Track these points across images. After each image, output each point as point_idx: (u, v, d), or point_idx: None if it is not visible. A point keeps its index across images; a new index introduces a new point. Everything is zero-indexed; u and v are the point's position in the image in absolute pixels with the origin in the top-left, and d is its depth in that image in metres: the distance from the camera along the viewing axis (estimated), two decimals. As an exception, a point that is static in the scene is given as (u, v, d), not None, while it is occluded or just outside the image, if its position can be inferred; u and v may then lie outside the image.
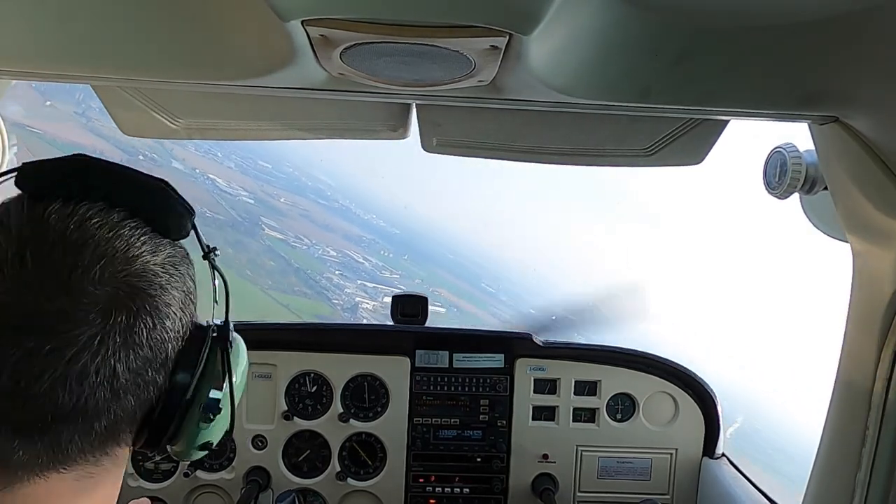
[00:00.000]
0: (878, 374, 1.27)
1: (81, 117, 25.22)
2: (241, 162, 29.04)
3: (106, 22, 1.04)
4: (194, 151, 27.84)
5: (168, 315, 0.90)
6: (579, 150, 1.93)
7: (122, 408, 0.86)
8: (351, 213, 29.40)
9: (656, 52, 1.00)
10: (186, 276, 0.96)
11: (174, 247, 0.95)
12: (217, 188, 26.33)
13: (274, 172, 29.54)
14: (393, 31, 0.95)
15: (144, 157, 26.05)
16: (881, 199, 1.21)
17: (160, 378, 0.91)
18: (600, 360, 2.73)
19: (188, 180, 26.36)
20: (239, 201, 25.87)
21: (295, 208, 27.38)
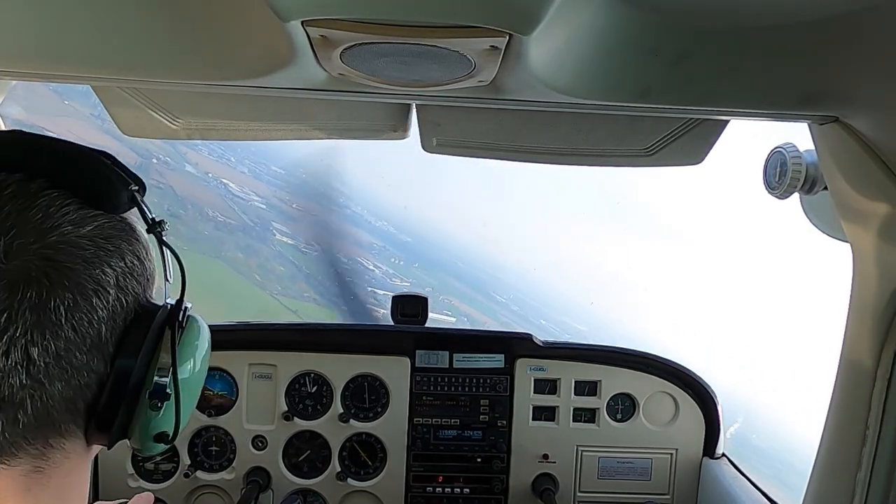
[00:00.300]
0: (878, 374, 1.27)
1: (97, 119, 25.54)
2: (254, 167, 29.07)
3: (106, 22, 1.04)
4: (208, 156, 27.94)
5: (97, 292, 0.82)
6: (579, 150, 1.93)
7: (49, 395, 0.79)
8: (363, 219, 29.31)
9: (656, 53, 1.00)
10: (127, 252, 0.87)
11: (109, 220, 0.87)
12: (230, 193, 26.36)
13: (287, 178, 29.60)
14: (393, 32, 0.95)
15: (158, 160, 26.22)
16: (881, 200, 1.21)
17: (96, 363, 0.83)
18: (600, 360, 2.73)
19: (201, 184, 26.44)
20: (251, 206, 25.86)
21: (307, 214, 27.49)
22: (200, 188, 26.33)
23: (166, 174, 26.37)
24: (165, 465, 2.61)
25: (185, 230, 22.86)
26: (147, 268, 0.92)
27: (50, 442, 0.83)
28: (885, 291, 1.26)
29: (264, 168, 29.13)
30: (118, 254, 0.86)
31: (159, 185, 25.31)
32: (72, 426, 0.85)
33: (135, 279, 0.88)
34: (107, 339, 0.84)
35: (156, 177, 25.99)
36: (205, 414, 2.59)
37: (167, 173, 26.51)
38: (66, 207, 0.82)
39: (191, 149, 28.38)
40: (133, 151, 25.59)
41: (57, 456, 0.85)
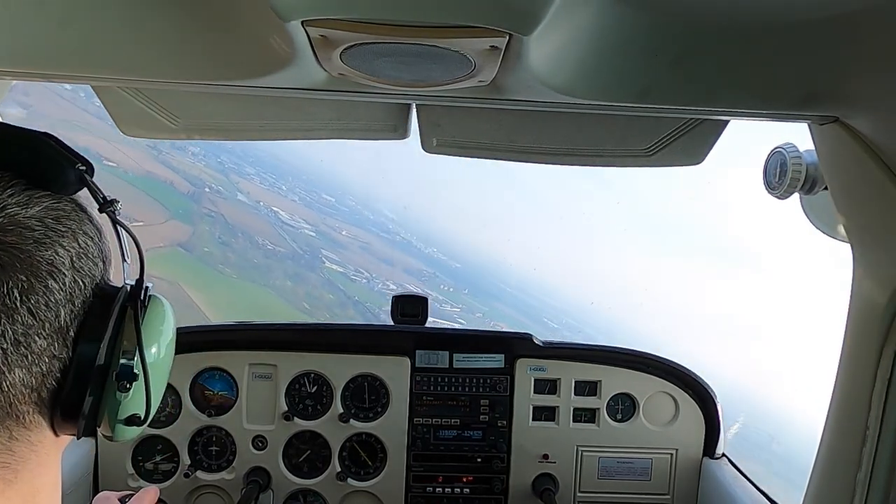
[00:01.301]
0: (878, 374, 1.27)
1: (153, 150, 26.02)
2: (305, 195, 29.14)
3: (106, 22, 1.04)
4: (259, 184, 28.12)
5: (52, 274, 0.79)
6: (579, 150, 1.93)
7: (9, 384, 0.77)
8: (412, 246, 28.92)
9: (656, 52, 1.00)
10: (79, 232, 0.85)
11: (58, 199, 0.85)
12: (280, 221, 26.46)
13: (336, 205, 29.60)
14: (393, 32, 0.95)
15: (210, 189, 26.60)
16: (881, 199, 1.21)
17: (57, 347, 0.81)
18: (600, 360, 2.73)
19: (252, 213, 26.61)
20: (301, 234, 25.86)
21: (356, 241, 27.29)
22: (251, 216, 26.44)
23: (218, 203, 26.41)
24: (165, 465, 2.61)
25: (235, 258, 22.84)
26: (102, 249, 0.90)
27: (14, 435, 0.81)
28: (885, 291, 1.26)
29: (315, 196, 29.25)
30: (70, 234, 0.83)
31: (211, 214, 25.33)
32: (36, 416, 0.82)
33: (90, 260, 0.86)
34: (66, 322, 0.82)
35: (208, 205, 26.07)
36: (205, 414, 2.59)
37: (219, 202, 26.58)
38: (12, 188, 0.80)
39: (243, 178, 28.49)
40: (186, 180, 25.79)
41: (23, 450, 0.82)
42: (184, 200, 24.99)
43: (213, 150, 28.16)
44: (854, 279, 1.36)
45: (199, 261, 22.11)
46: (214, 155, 28.39)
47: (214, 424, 2.59)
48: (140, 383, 0.90)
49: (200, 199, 25.64)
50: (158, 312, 0.96)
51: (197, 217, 24.87)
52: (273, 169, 29.67)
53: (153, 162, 25.84)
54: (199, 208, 25.05)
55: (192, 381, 2.60)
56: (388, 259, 26.38)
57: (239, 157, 29.18)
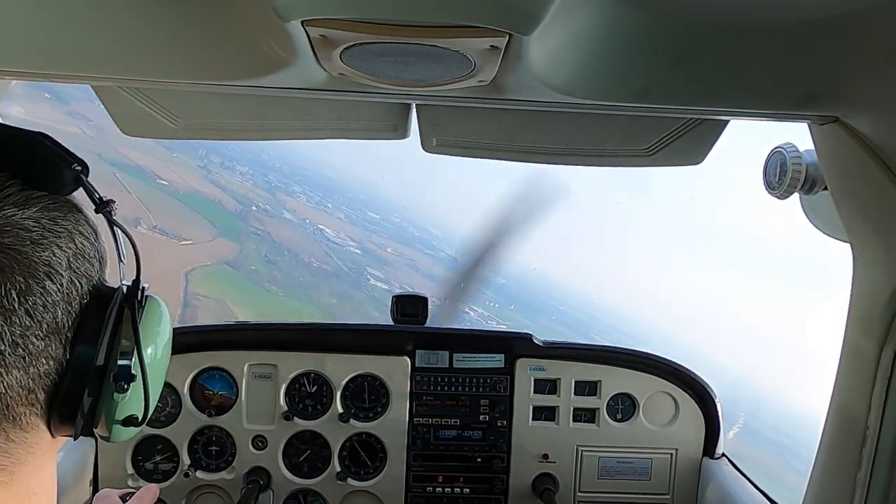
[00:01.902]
0: (878, 374, 1.27)
1: (203, 169, 26.22)
2: (350, 213, 29.15)
3: (106, 22, 1.04)
4: (306, 202, 28.20)
5: (49, 275, 0.79)
6: (579, 150, 1.93)
7: (6, 385, 0.77)
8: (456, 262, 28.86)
9: (656, 52, 1.00)
10: (76, 233, 0.85)
11: (54, 200, 0.84)
12: (325, 238, 26.48)
13: (381, 223, 29.57)
14: (393, 31, 0.95)
15: (258, 207, 26.76)
16: (881, 199, 1.21)
17: (54, 348, 0.81)
18: (600, 360, 2.73)
19: (298, 231, 26.66)
20: (346, 251, 25.83)
21: (401, 258, 27.18)
22: (297, 234, 26.48)
23: (265, 221, 26.48)
24: (165, 465, 2.61)
25: (281, 276, 22.91)
26: (98, 250, 0.90)
27: (11, 437, 0.80)
28: (885, 291, 1.26)
29: (360, 213, 29.25)
30: (67, 235, 0.83)
31: (257, 232, 25.39)
32: (33, 418, 0.82)
33: (86, 261, 0.86)
34: (63, 323, 0.81)
35: (255, 224, 26.15)
36: (205, 414, 2.59)
37: (266, 220, 26.65)
38: (8, 189, 0.80)
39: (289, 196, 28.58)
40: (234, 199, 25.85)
41: (19, 452, 0.82)
42: (231, 219, 25.17)
43: (261, 169, 28.54)
44: (854, 279, 1.36)
45: (245, 279, 22.20)
46: (262, 174, 28.73)
47: (214, 424, 2.59)
48: (137, 384, 0.90)
49: (247, 218, 25.93)
50: (155, 313, 0.96)
51: (244, 235, 25.15)
52: (319, 187, 29.83)
53: (202, 181, 26.41)
54: (246, 227, 25.29)
55: (192, 381, 2.60)
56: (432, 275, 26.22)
57: (286, 176, 29.45)
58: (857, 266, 1.35)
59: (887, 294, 1.25)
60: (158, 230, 21.39)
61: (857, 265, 1.35)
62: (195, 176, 26.15)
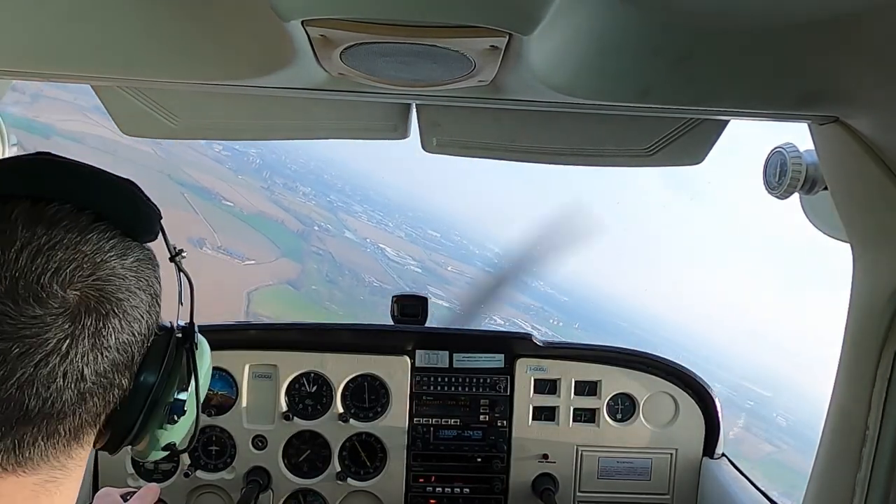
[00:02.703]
0: (878, 374, 1.27)
1: (266, 190, 26.97)
2: (410, 231, 29.16)
3: (106, 22, 1.04)
4: (367, 222, 28.31)
5: (136, 318, 0.90)
6: (579, 150, 1.93)
7: (87, 410, 0.86)
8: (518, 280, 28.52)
9: (656, 52, 1.00)
10: (153, 279, 0.95)
11: (142, 249, 0.95)
12: (386, 257, 26.52)
13: (442, 241, 29.55)
14: (393, 31, 0.95)
15: (319, 227, 26.91)
16: (881, 199, 1.21)
17: (125, 380, 0.91)
18: (600, 360, 2.73)
19: (358, 250, 26.77)
20: (407, 270, 25.82)
21: (461, 276, 27.05)
22: (358, 253, 26.53)
23: (326, 241, 26.58)
24: (165, 465, 2.61)
25: (341, 296, 22.99)
26: (160, 292, 0.99)
27: (72, 455, 0.89)
28: (885, 291, 1.26)
29: (421, 231, 29.22)
30: (148, 282, 0.94)
31: (319, 252, 25.44)
32: (90, 437, 0.92)
33: (157, 304, 0.97)
34: (136, 359, 0.92)
35: (316, 243, 26.23)
36: (205, 414, 2.58)
37: (327, 240, 26.75)
38: (113, 240, 0.89)
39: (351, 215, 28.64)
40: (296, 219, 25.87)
41: (71, 465, 0.90)
42: (293, 239, 25.52)
43: (323, 189, 28.75)
44: (854, 279, 1.36)
45: (306, 298, 22.43)
46: (324, 194, 28.99)
47: (214, 424, 2.59)
48: (185, 416, 1.01)
49: (309, 238, 26.20)
50: (203, 351, 1.08)
51: (306, 255, 25.33)
52: (380, 206, 29.91)
53: (266, 202, 27.01)
54: (308, 246, 25.54)
55: None
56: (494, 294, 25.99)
57: (347, 196, 29.64)
58: (857, 266, 1.35)
59: (887, 294, 1.25)
60: (223, 250, 21.82)
61: (857, 265, 1.35)
62: (259, 197, 26.58)
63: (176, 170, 25.41)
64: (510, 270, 6.95)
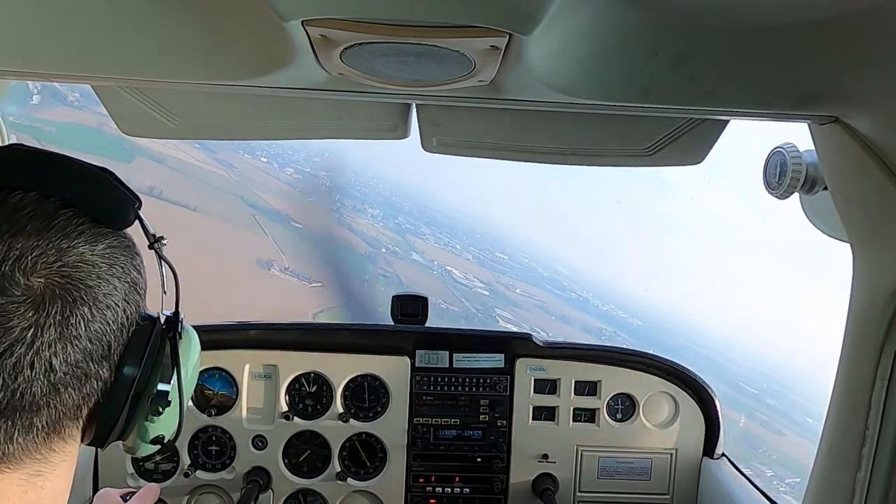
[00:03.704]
0: (878, 374, 1.27)
1: (335, 212, 27.36)
2: (478, 253, 29.00)
3: (106, 22, 1.04)
4: (434, 244, 28.20)
5: (109, 306, 0.88)
6: (579, 150, 1.93)
7: (62, 402, 0.84)
8: (589, 304, 27.37)
9: (656, 52, 1.00)
10: (130, 267, 0.93)
11: (117, 236, 0.92)
12: (453, 280, 26.37)
13: (510, 263, 29.31)
14: (393, 31, 0.95)
15: (387, 249, 27.07)
16: (881, 199, 1.21)
17: (104, 371, 0.89)
18: (600, 360, 2.73)
19: (426, 272, 26.63)
20: (474, 293, 25.66)
21: (530, 299, 26.63)
22: (425, 276, 26.47)
23: (394, 263, 26.53)
24: (165, 465, 2.61)
25: None
26: (144, 279, 0.97)
27: (54, 448, 0.87)
28: (885, 291, 1.26)
29: (488, 254, 29.02)
30: (125, 269, 0.91)
31: (386, 274, 25.35)
32: (74, 430, 0.90)
33: (137, 293, 0.94)
34: (114, 348, 0.89)
35: (384, 265, 26.17)
36: (205, 414, 2.59)
37: (394, 262, 26.69)
38: (82, 227, 0.87)
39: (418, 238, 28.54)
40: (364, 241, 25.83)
41: (57, 460, 0.88)
42: (361, 261, 25.62)
43: (391, 212, 28.60)
44: (854, 279, 1.36)
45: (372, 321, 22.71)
46: (392, 216, 28.95)
47: (214, 424, 2.59)
48: (171, 407, 0.99)
49: (377, 260, 26.30)
50: (190, 342, 1.05)
51: (373, 277, 25.42)
52: (448, 228, 29.80)
53: (335, 224, 27.17)
54: (375, 269, 25.58)
55: None
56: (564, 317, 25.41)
57: (416, 218, 29.61)
58: (857, 266, 1.35)
59: (887, 294, 1.25)
60: (290, 272, 22.00)
61: (857, 265, 1.35)
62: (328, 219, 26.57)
63: (248, 192, 25.74)
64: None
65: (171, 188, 23.50)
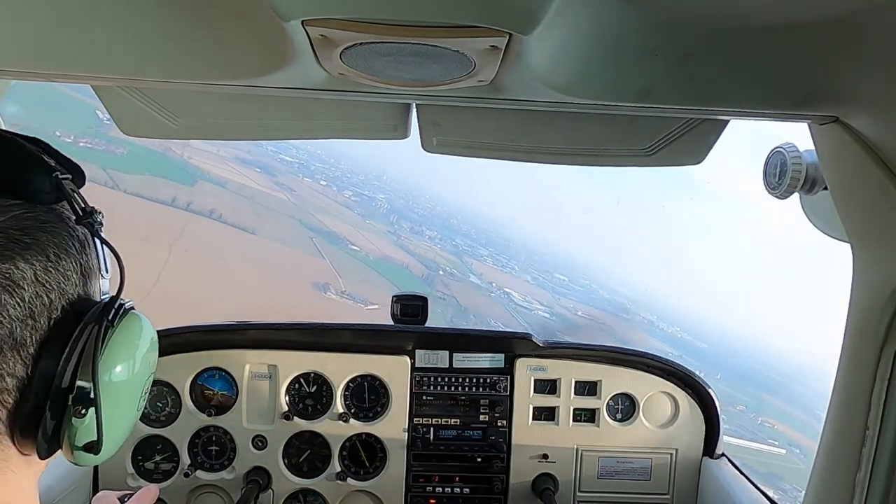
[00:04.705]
0: (878, 374, 1.27)
1: (393, 235, 27.21)
2: (537, 275, 28.59)
3: (106, 22, 1.04)
4: (492, 265, 27.77)
5: (8, 288, 0.75)
6: (579, 150, 1.93)
7: None
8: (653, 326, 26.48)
9: (656, 52, 1.00)
10: (48, 244, 0.80)
11: (30, 209, 0.80)
12: (512, 302, 25.94)
13: (570, 284, 28.83)
14: (393, 31, 0.95)
15: (444, 272, 26.68)
16: (881, 199, 1.21)
17: (13, 365, 0.77)
18: (600, 360, 2.73)
19: (484, 294, 26.28)
20: (535, 315, 25.08)
21: (592, 322, 25.78)
22: (484, 298, 26.19)
23: (451, 285, 26.30)
24: (165, 465, 2.61)
25: None
26: (81, 262, 0.85)
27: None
28: (885, 291, 1.26)
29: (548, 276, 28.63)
30: (37, 246, 0.79)
31: (443, 297, 25.13)
32: (2, 438, 0.79)
33: (60, 274, 0.81)
34: (25, 339, 0.77)
35: (441, 288, 25.99)
36: (205, 413, 2.59)
37: (452, 284, 26.46)
38: None
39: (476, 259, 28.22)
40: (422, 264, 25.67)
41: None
42: (418, 283, 25.40)
43: (449, 234, 28.17)
44: (854, 279, 1.36)
45: None
46: (449, 238, 28.67)
47: (214, 424, 2.59)
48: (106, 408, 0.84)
49: (434, 282, 26.01)
50: (131, 332, 0.89)
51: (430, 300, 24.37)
52: (505, 249, 29.37)
53: (392, 246, 27.09)
54: (433, 291, 25.18)
55: (192, 381, 2.60)
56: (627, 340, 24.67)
57: (473, 240, 29.27)
58: (857, 266, 1.35)
59: (887, 294, 1.25)
60: (346, 295, 22.06)
61: (857, 265, 1.35)
62: (385, 241, 26.55)
63: (306, 215, 25.63)
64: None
65: (230, 211, 23.49)
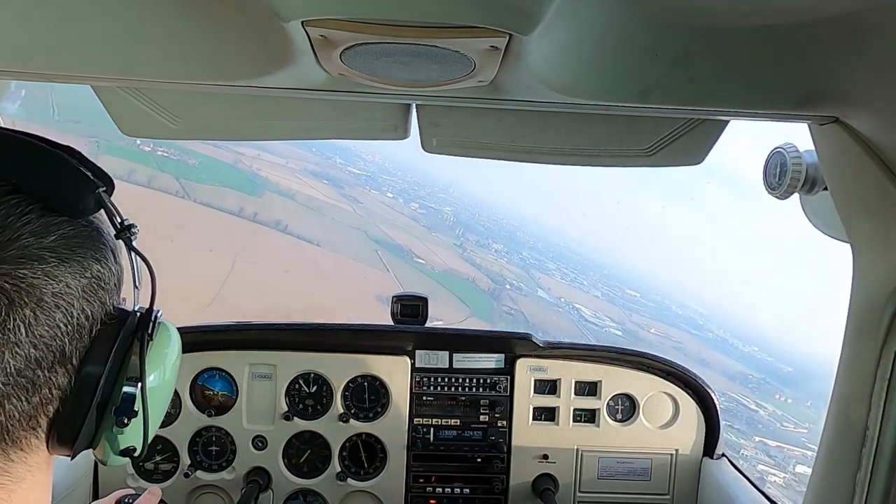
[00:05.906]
0: (879, 374, 1.27)
1: (459, 248, 26.84)
2: (607, 290, 27.95)
3: (106, 22, 1.04)
4: (560, 280, 27.16)
5: (59, 306, 0.77)
6: (579, 150, 1.93)
7: (7, 413, 0.76)
8: (728, 344, 25.26)
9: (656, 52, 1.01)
10: (91, 260, 0.81)
11: (75, 226, 0.81)
12: (582, 318, 25.15)
13: (642, 301, 28.04)
14: (393, 32, 0.95)
15: (511, 286, 26.05)
16: (881, 199, 1.21)
17: (59, 378, 0.79)
18: (600, 361, 2.73)
19: (553, 309, 25.66)
20: (606, 332, 24.36)
21: (666, 340, 24.79)
22: (553, 313, 25.64)
23: (518, 300, 25.80)
24: (165, 465, 2.61)
25: None
26: (115, 273, 0.87)
27: (11, 458, 0.80)
28: (885, 291, 1.26)
29: (618, 291, 28.03)
30: (83, 264, 0.80)
31: (510, 312, 24.59)
32: (33, 441, 0.82)
33: (101, 288, 0.83)
34: (71, 352, 0.80)
35: (507, 302, 25.49)
36: (205, 414, 2.59)
37: (519, 299, 25.95)
38: (28, 216, 0.76)
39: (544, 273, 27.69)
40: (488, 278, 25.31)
41: (19, 470, 0.81)
42: (484, 298, 24.82)
43: (515, 247, 27.72)
44: (854, 279, 1.36)
45: None
46: (516, 251, 28.12)
47: (214, 424, 2.59)
48: (139, 417, 0.88)
49: (500, 296, 25.39)
50: (165, 342, 0.93)
51: (496, 315, 24.35)
52: (574, 264, 28.67)
53: (458, 259, 26.59)
54: (499, 305, 24.68)
55: (192, 381, 2.60)
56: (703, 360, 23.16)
57: (540, 253, 28.58)
58: (857, 266, 1.35)
59: (887, 294, 1.25)
60: None
61: (857, 265, 1.35)
62: (451, 254, 26.18)
63: (372, 227, 25.39)
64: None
65: (297, 223, 23.14)
